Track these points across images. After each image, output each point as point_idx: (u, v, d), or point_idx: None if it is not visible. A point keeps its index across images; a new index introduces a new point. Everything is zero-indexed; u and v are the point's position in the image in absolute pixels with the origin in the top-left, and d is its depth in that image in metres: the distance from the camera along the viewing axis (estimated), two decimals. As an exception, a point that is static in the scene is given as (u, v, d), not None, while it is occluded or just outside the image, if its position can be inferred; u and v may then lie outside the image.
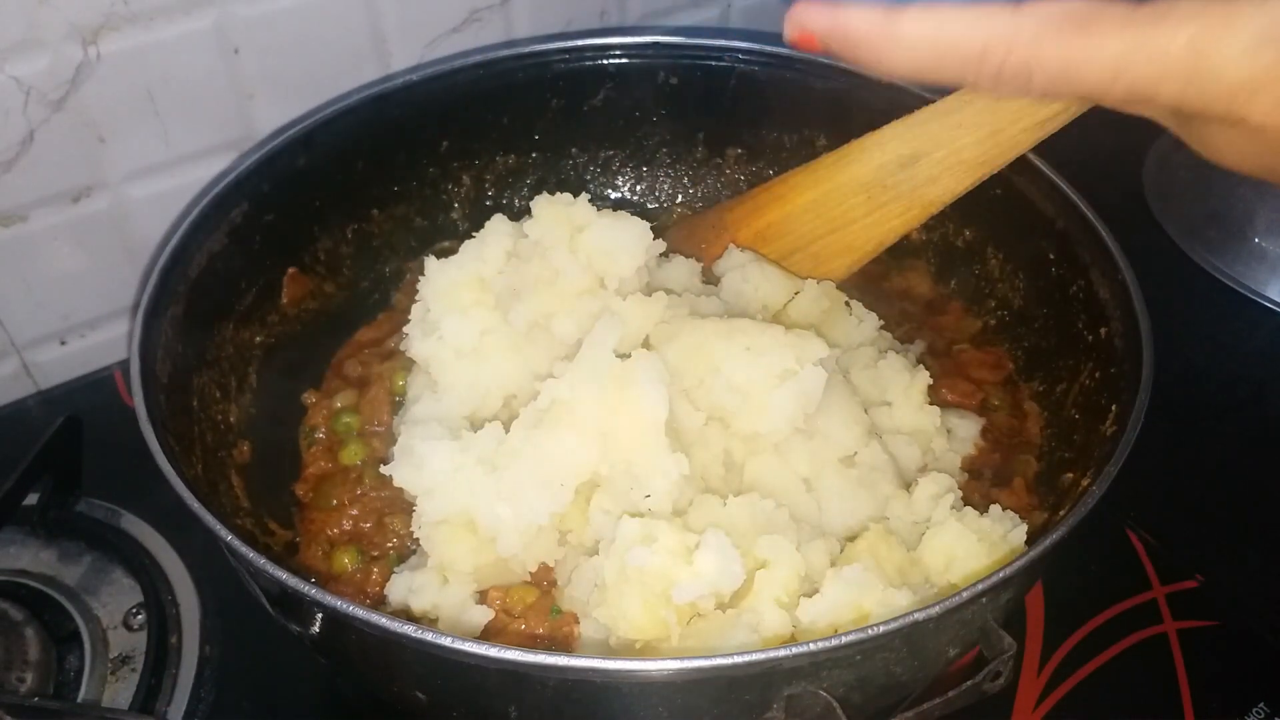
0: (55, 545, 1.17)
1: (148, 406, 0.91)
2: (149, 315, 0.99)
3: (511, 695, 0.81)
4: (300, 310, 1.23)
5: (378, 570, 1.05)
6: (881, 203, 1.13)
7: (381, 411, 1.18)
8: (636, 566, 0.88)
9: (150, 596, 1.11)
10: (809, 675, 0.75)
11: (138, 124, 1.23)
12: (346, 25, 1.31)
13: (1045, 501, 1.07)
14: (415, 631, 0.74)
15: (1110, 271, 1.05)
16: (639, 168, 1.45)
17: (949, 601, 0.75)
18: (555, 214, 1.08)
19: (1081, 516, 0.83)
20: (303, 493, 1.14)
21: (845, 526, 1.00)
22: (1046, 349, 1.17)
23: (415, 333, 1.11)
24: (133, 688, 1.04)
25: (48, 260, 1.27)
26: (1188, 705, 1.05)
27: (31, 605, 1.09)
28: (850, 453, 1.04)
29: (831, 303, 1.17)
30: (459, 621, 0.97)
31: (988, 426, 1.17)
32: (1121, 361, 1.00)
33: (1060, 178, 1.13)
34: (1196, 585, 1.15)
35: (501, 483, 0.94)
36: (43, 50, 1.13)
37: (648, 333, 1.05)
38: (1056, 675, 1.07)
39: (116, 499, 1.20)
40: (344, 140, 1.22)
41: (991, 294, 1.27)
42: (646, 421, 0.94)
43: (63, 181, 1.23)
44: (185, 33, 1.20)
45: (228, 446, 1.09)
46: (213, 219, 1.10)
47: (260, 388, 1.16)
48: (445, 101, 1.29)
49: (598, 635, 0.94)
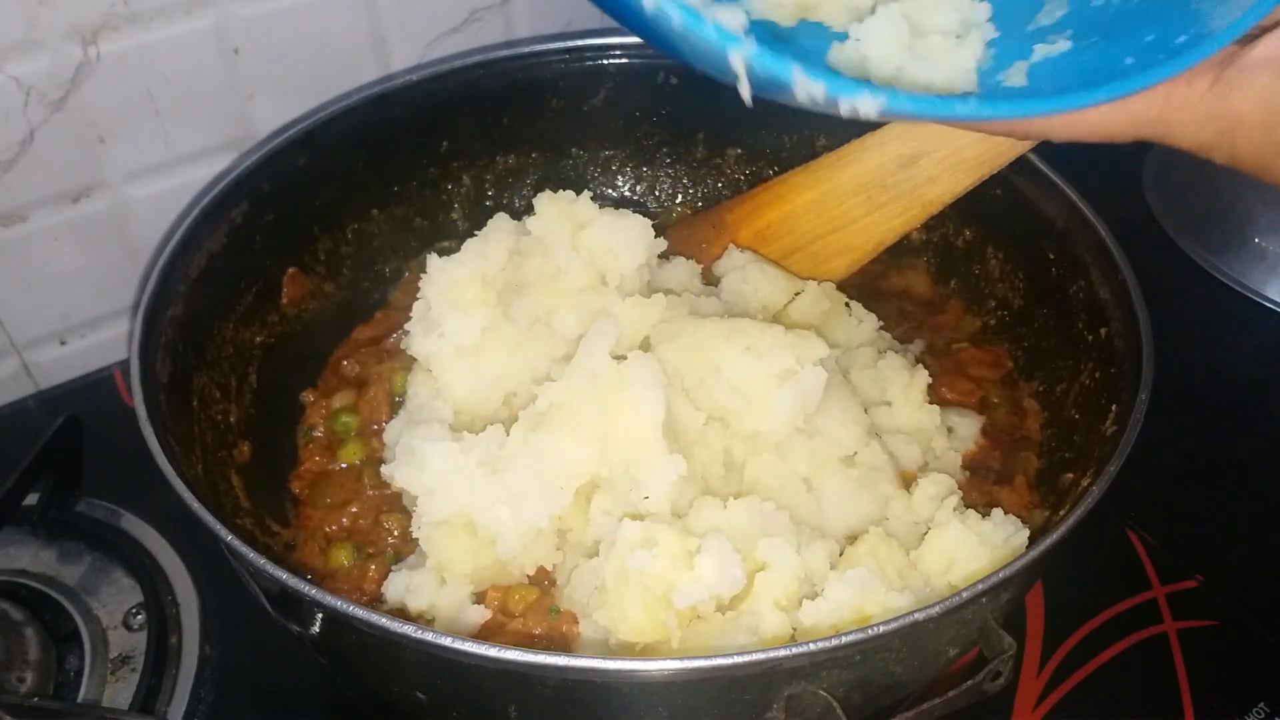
0: (55, 545, 1.17)
1: (148, 406, 0.92)
2: (149, 315, 0.99)
3: (512, 695, 0.81)
4: (300, 310, 1.23)
5: (374, 567, 1.05)
6: (881, 203, 1.13)
7: (380, 411, 1.18)
8: (637, 570, 0.88)
9: (150, 596, 1.11)
10: (809, 675, 0.75)
11: (138, 124, 1.23)
12: (346, 25, 1.31)
13: (1046, 500, 1.07)
14: (416, 631, 0.75)
15: (1110, 271, 1.05)
16: (639, 168, 1.45)
17: (949, 601, 0.75)
18: (558, 211, 1.08)
19: (1081, 516, 0.83)
20: (299, 489, 1.14)
21: (845, 526, 1.00)
22: (1046, 349, 1.17)
23: (416, 330, 1.11)
24: (133, 688, 1.04)
25: (48, 260, 1.27)
26: (1188, 705, 1.05)
27: (31, 605, 1.09)
28: (850, 452, 1.04)
29: (831, 303, 1.17)
30: (456, 621, 0.97)
31: (988, 424, 1.17)
32: (1121, 361, 1.00)
33: (1060, 178, 1.14)
34: (1196, 585, 1.15)
35: (501, 485, 0.95)
36: (43, 50, 1.13)
37: (647, 334, 1.05)
38: (1056, 675, 1.07)
39: (116, 499, 1.20)
40: (344, 140, 1.22)
41: (991, 294, 1.27)
42: (643, 423, 0.95)
43: (63, 182, 1.23)
44: (185, 33, 1.20)
45: (228, 446, 1.09)
46: (213, 219, 1.10)
47: (260, 388, 1.16)
48: (445, 102, 1.29)
49: (597, 635, 0.94)
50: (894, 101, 0.62)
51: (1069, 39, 0.75)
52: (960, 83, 0.74)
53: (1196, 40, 0.64)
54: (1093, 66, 0.71)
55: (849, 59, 0.77)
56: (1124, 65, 0.67)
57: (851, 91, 0.59)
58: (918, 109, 0.65)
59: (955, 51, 0.75)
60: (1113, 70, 0.68)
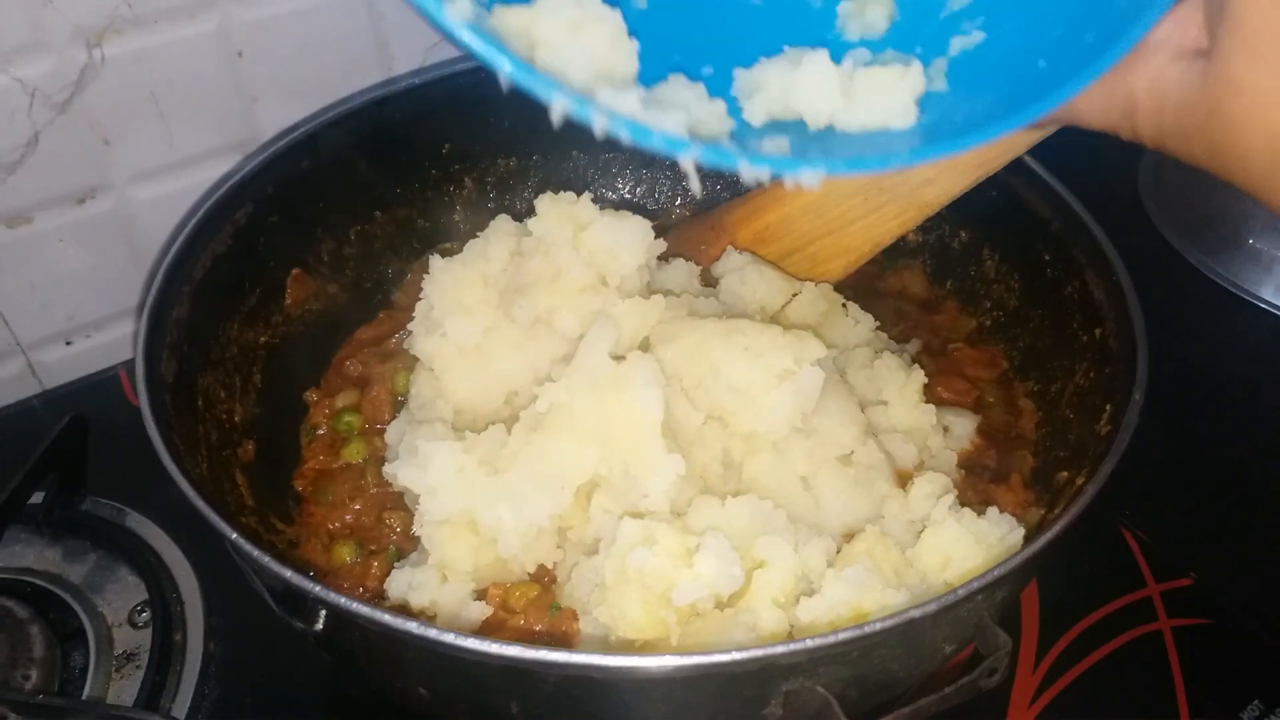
0: (60, 543, 1.18)
1: (152, 406, 0.92)
2: (154, 316, 1.00)
3: (513, 691, 0.82)
4: (304, 310, 1.24)
5: (377, 564, 1.05)
6: (878, 204, 1.14)
7: (383, 411, 1.19)
8: (637, 568, 0.89)
9: (155, 594, 1.11)
10: (807, 671, 0.76)
11: (142, 126, 1.24)
12: (349, 29, 1.32)
13: (1041, 499, 1.08)
14: (419, 628, 0.75)
15: (1105, 272, 1.06)
16: (639, 170, 1.46)
17: (945, 599, 0.76)
18: (559, 212, 1.09)
19: (1076, 515, 0.84)
20: (302, 487, 1.15)
21: (843, 524, 1.01)
22: (1041, 349, 1.18)
23: (419, 330, 1.12)
24: (137, 685, 1.05)
25: (53, 261, 1.28)
26: (1182, 702, 1.06)
27: (37, 603, 1.09)
28: (847, 451, 1.05)
29: (829, 304, 1.18)
30: (457, 618, 0.97)
31: (983, 423, 1.17)
32: (1116, 362, 1.00)
33: (1056, 179, 1.14)
34: (1190, 583, 1.15)
35: (502, 484, 0.95)
36: (47, 53, 1.14)
37: (646, 334, 1.06)
38: (1052, 672, 1.08)
39: (121, 498, 1.21)
40: (347, 143, 1.23)
41: (987, 295, 1.28)
42: (642, 424, 0.95)
43: (68, 183, 1.24)
44: (189, 36, 1.21)
45: (232, 445, 1.09)
46: (217, 220, 1.11)
47: (264, 387, 1.17)
48: (447, 104, 1.29)
49: (597, 632, 0.94)
50: (833, 168, 0.67)
51: (982, 28, 0.77)
52: (899, 118, 0.74)
53: (1107, 40, 0.66)
54: (1010, 68, 0.73)
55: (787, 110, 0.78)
56: (1037, 70, 0.70)
57: (793, 168, 0.64)
58: (855, 169, 0.70)
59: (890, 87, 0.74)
60: (1028, 78, 0.70)
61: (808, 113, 0.75)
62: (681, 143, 0.61)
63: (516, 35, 0.68)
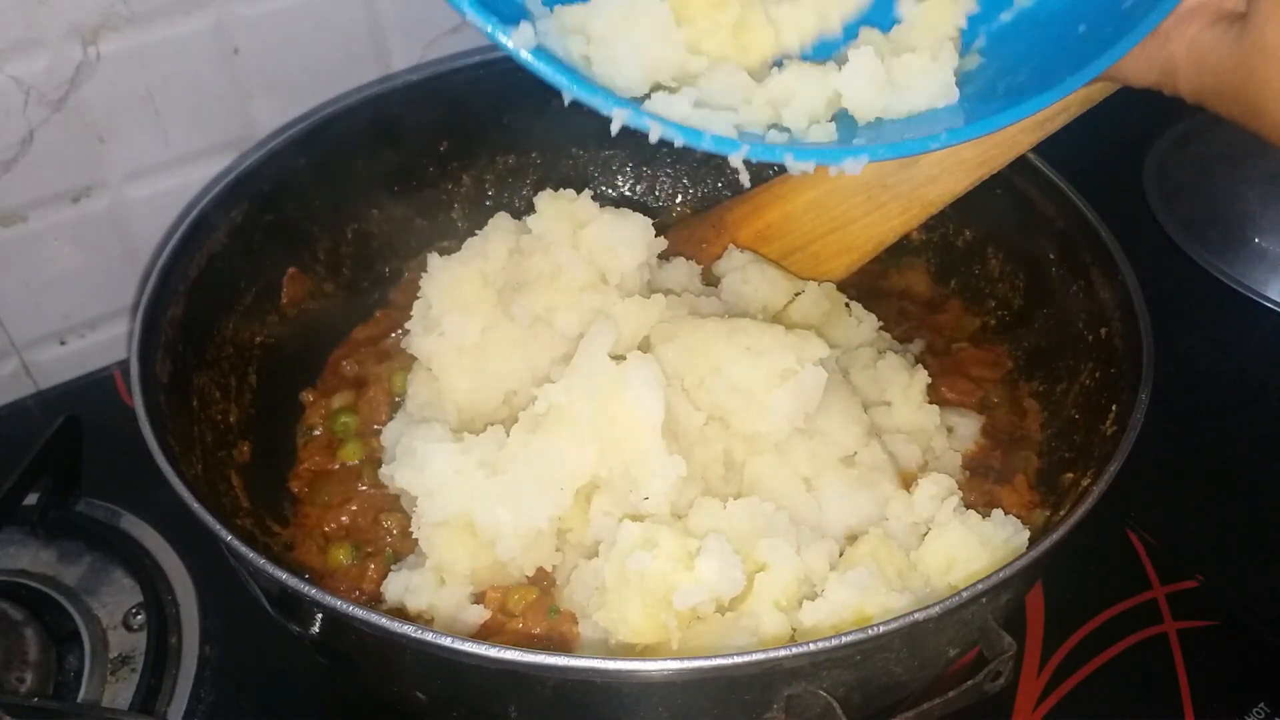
0: (55, 545, 1.17)
1: (147, 407, 0.92)
2: (149, 315, 1.00)
3: (511, 695, 0.81)
4: (300, 310, 1.23)
5: (373, 567, 1.05)
6: (881, 202, 1.13)
7: (379, 411, 1.18)
8: (637, 571, 0.88)
9: (150, 597, 1.11)
10: (809, 675, 0.76)
11: (137, 124, 1.23)
12: (346, 25, 1.31)
13: (1046, 500, 1.07)
14: (415, 631, 0.75)
15: (1110, 272, 1.05)
16: (639, 167, 1.45)
17: (949, 601, 0.76)
18: (558, 209, 1.08)
19: (1081, 516, 0.83)
20: (298, 488, 1.14)
21: (845, 526, 1.00)
22: (1046, 349, 1.17)
23: (417, 329, 1.11)
24: (132, 688, 1.04)
25: (47, 260, 1.27)
26: (1188, 705, 1.05)
27: (31, 605, 1.09)
28: (850, 452, 1.04)
29: (831, 303, 1.17)
30: (455, 621, 0.97)
31: (988, 424, 1.17)
32: (1122, 361, 1.00)
33: (1060, 178, 1.14)
34: (1196, 585, 1.15)
35: (501, 486, 0.95)
36: (42, 50, 1.13)
37: (646, 334, 1.05)
38: (1057, 675, 1.07)
39: (116, 499, 1.20)
40: (344, 140, 1.22)
41: (991, 294, 1.27)
42: (642, 425, 0.94)
43: (62, 181, 1.23)
44: (185, 33, 1.20)
45: (228, 446, 1.09)
46: (213, 219, 1.10)
47: (260, 387, 1.16)
48: (445, 102, 1.29)
49: (597, 636, 0.94)
50: (876, 154, 0.70)
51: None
52: (941, 97, 0.77)
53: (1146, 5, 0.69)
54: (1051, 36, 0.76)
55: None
56: (1077, 35, 0.73)
57: (839, 159, 0.67)
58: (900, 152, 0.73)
59: (930, 70, 0.76)
60: (1069, 44, 0.73)
61: (858, 110, 0.77)
62: (733, 143, 0.65)
63: (574, 31, 0.71)
